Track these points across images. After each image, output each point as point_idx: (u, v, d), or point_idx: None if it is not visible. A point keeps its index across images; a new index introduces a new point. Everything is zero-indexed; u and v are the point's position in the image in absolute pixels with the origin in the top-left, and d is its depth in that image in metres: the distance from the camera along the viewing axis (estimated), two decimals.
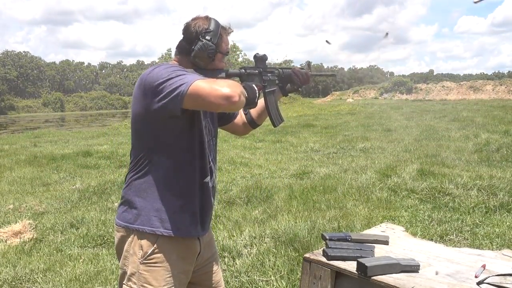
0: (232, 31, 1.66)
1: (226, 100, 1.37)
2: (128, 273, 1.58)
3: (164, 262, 1.56)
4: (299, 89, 1.87)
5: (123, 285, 1.60)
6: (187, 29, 1.59)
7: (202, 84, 1.38)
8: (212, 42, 1.56)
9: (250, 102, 1.58)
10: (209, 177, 1.64)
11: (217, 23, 1.59)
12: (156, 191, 1.56)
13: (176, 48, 1.64)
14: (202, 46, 1.55)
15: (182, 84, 1.39)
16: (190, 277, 1.69)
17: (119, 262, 1.64)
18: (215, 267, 1.82)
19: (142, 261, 1.55)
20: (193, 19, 1.60)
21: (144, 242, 1.56)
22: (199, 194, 1.62)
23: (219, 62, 1.62)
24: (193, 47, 1.56)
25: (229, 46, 1.68)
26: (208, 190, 1.65)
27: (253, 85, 1.62)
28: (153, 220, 1.56)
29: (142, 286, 1.55)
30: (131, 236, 1.58)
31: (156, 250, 1.55)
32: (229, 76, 1.67)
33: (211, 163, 1.68)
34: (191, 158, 1.59)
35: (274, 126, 1.84)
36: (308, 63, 1.94)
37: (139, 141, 1.60)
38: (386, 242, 1.85)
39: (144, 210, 1.57)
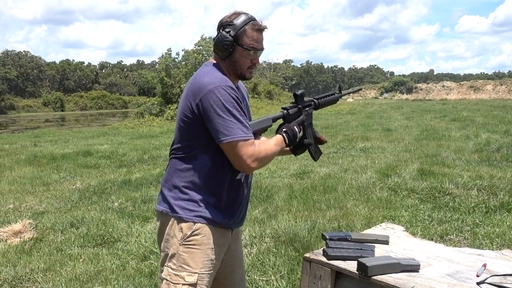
0: (265, 27, 1.67)
1: (246, 171, 1.63)
2: (170, 254, 1.66)
3: (203, 245, 1.64)
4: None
5: (164, 267, 1.67)
6: (218, 24, 1.68)
7: (240, 148, 1.55)
8: (230, 35, 1.61)
9: (291, 143, 1.74)
10: (241, 173, 1.70)
11: (244, 18, 1.63)
12: (193, 182, 1.65)
13: None
14: (218, 37, 1.63)
15: (228, 133, 1.54)
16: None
17: (160, 245, 1.72)
18: (239, 261, 1.89)
19: (181, 242, 1.63)
20: (227, 16, 1.67)
21: (184, 225, 1.64)
22: (231, 189, 1.69)
23: (241, 57, 1.65)
24: (213, 38, 1.67)
25: (261, 43, 1.68)
26: (240, 186, 1.72)
27: (294, 127, 1.75)
28: (190, 208, 1.64)
29: (181, 266, 1.63)
30: (171, 220, 1.66)
31: (195, 233, 1.63)
32: (274, 120, 1.79)
33: None
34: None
35: (315, 160, 1.93)
36: (339, 86, 2.03)
37: (184, 132, 1.67)
38: (386, 242, 1.85)
39: (181, 199, 1.66)
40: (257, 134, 1.71)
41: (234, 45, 1.62)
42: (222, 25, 1.64)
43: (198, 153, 1.64)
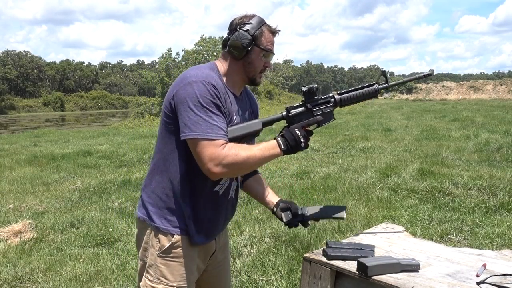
0: (279, 31, 1.60)
1: (209, 175, 1.45)
2: (147, 264, 1.59)
3: (181, 257, 1.57)
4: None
5: (143, 276, 1.61)
6: (230, 24, 1.59)
7: (203, 147, 1.41)
8: (249, 33, 1.53)
9: (290, 149, 1.52)
10: (220, 186, 1.60)
11: (260, 19, 1.57)
12: (170, 188, 1.56)
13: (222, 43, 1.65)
14: (237, 35, 1.53)
15: (194, 129, 1.42)
16: (200, 277, 1.69)
17: (138, 252, 1.65)
18: (225, 271, 1.82)
19: (159, 254, 1.56)
20: (240, 16, 1.59)
21: (161, 236, 1.56)
22: (207, 201, 1.59)
23: (257, 58, 1.56)
24: (229, 36, 1.56)
25: (273, 46, 1.60)
26: (218, 199, 1.61)
27: (296, 130, 1.53)
28: (167, 217, 1.56)
29: (158, 278, 1.56)
30: (149, 228, 1.59)
31: (174, 245, 1.56)
32: (267, 124, 1.61)
33: None
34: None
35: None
36: (384, 73, 1.72)
37: (164, 127, 1.57)
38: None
39: (159, 207, 1.57)
40: (244, 139, 1.56)
41: (253, 44, 1.53)
42: (237, 25, 1.55)
43: (174, 154, 1.53)
